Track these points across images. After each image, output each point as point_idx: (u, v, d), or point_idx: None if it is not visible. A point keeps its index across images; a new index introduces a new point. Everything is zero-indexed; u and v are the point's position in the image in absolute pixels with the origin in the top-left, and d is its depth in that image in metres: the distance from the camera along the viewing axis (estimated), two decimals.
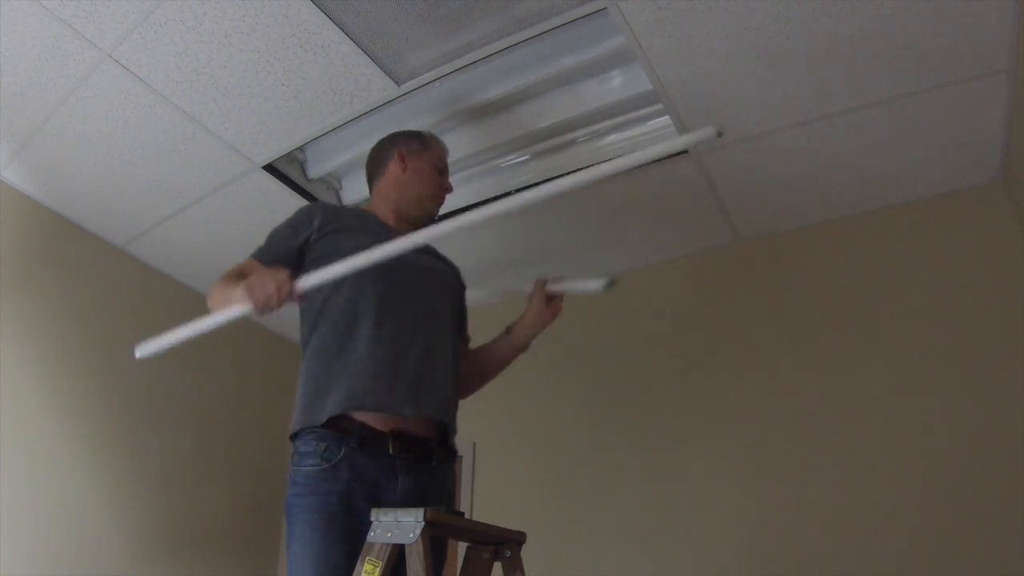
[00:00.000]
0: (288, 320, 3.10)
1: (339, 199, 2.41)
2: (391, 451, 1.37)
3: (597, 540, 2.29)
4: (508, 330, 1.69)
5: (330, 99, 1.91)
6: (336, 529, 1.31)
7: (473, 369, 1.69)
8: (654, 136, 2.04)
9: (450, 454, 1.52)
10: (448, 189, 1.75)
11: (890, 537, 1.88)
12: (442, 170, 1.73)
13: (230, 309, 1.34)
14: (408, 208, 1.66)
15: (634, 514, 2.27)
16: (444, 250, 1.78)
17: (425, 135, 1.76)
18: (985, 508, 1.79)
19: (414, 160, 1.69)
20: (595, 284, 1.53)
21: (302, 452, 1.39)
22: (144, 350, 1.45)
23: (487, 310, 1.89)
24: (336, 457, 1.35)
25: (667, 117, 1.95)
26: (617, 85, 1.92)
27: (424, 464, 1.42)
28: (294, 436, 1.43)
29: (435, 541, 1.32)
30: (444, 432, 1.50)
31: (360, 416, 1.38)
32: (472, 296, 1.77)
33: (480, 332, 1.73)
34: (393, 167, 1.69)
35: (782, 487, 2.08)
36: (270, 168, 2.19)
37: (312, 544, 1.30)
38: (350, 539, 1.29)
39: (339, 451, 1.35)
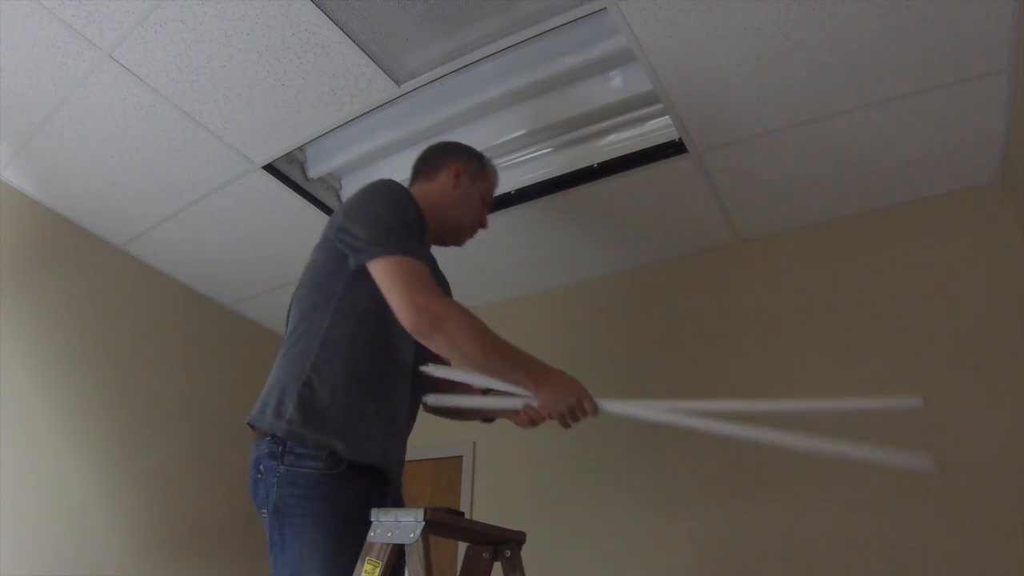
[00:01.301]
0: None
1: (339, 199, 2.41)
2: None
3: (597, 540, 2.29)
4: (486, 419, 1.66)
5: (330, 99, 1.91)
6: (349, 535, 1.29)
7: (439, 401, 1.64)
8: (654, 136, 2.05)
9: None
10: (485, 225, 1.69)
11: (891, 537, 1.88)
12: (486, 203, 1.69)
13: (519, 395, 1.34)
14: (443, 226, 1.60)
15: (634, 514, 2.27)
16: (449, 254, 1.73)
17: (487, 161, 1.70)
18: (985, 509, 1.79)
19: (467, 182, 1.63)
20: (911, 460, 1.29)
21: (299, 454, 1.33)
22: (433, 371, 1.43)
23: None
24: (340, 467, 1.33)
25: (667, 117, 1.95)
26: (617, 85, 1.92)
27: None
28: (286, 437, 1.34)
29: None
30: None
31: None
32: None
33: None
34: (445, 178, 1.62)
35: (781, 487, 2.07)
36: (270, 168, 2.19)
37: (323, 546, 1.28)
38: (360, 545, 1.27)
39: (342, 462, 1.33)
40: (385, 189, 1.48)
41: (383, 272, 1.34)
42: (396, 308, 1.32)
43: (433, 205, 1.56)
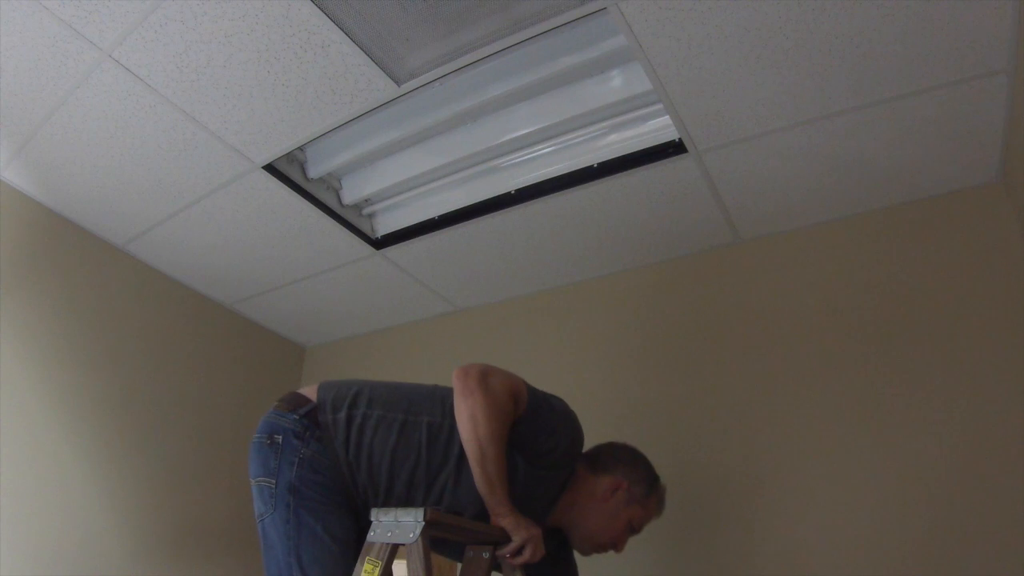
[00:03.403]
0: (287, 319, 3.11)
1: (339, 199, 2.41)
2: None
3: None
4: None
5: (330, 99, 1.91)
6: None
7: None
8: (654, 136, 2.05)
9: None
10: (619, 548, 1.57)
11: (890, 538, 1.88)
12: (635, 529, 1.58)
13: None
14: (575, 524, 1.55)
15: None
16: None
17: (655, 490, 1.60)
18: (985, 510, 1.79)
19: (623, 500, 1.54)
20: None
21: (325, 445, 1.40)
22: None
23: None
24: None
25: (667, 117, 1.95)
26: (617, 85, 1.92)
27: None
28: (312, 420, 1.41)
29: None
30: None
31: None
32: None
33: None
34: (606, 483, 1.54)
35: (780, 488, 2.07)
36: (270, 168, 2.19)
37: (341, 535, 1.35)
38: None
39: None
40: (567, 423, 1.53)
41: (475, 378, 1.38)
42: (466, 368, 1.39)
43: (577, 498, 1.53)
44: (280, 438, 1.38)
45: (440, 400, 1.48)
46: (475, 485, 1.37)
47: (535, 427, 1.44)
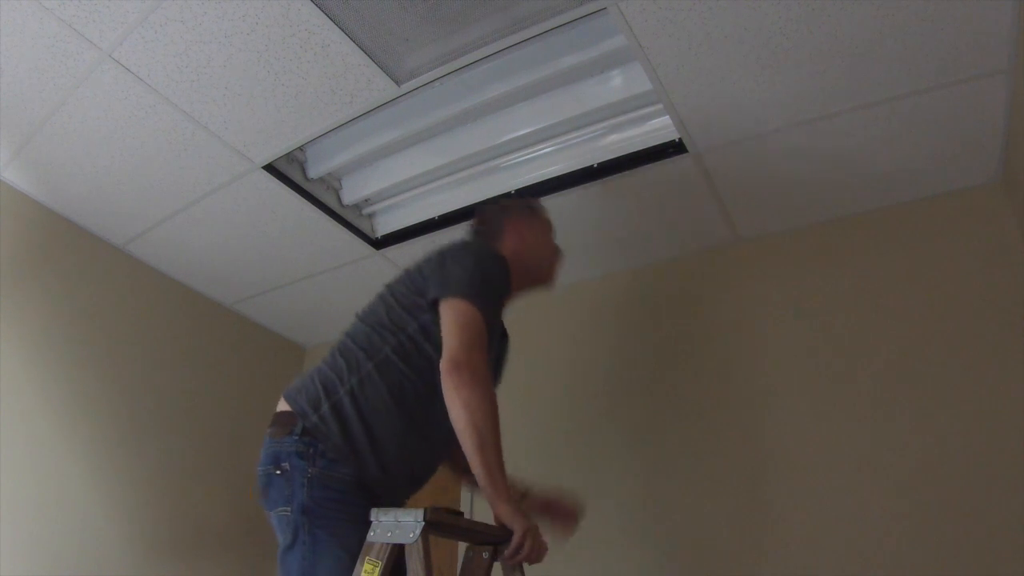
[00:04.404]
0: (287, 319, 3.11)
1: (339, 199, 2.41)
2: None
3: (596, 540, 2.29)
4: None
5: (330, 99, 1.91)
6: None
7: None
8: (654, 136, 2.05)
9: None
10: (560, 251, 1.81)
11: (890, 538, 1.88)
12: (553, 230, 1.82)
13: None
14: (530, 272, 1.70)
15: (633, 514, 2.27)
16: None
17: (531, 203, 1.84)
18: (985, 510, 1.79)
19: (528, 230, 1.74)
20: None
21: (331, 459, 1.38)
22: None
23: None
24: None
25: (667, 117, 1.95)
26: (617, 85, 1.92)
27: None
28: (313, 432, 1.40)
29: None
30: None
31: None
32: None
33: None
34: (511, 239, 1.71)
35: (780, 489, 2.07)
36: (270, 168, 2.19)
37: (358, 550, 1.31)
38: None
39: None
40: (490, 253, 1.58)
41: (454, 311, 1.41)
42: (447, 340, 1.38)
43: (513, 262, 1.62)
44: (287, 464, 1.38)
45: (384, 321, 1.51)
46: None
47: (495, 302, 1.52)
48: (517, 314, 1.99)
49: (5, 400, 2.19)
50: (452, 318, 1.40)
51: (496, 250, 1.62)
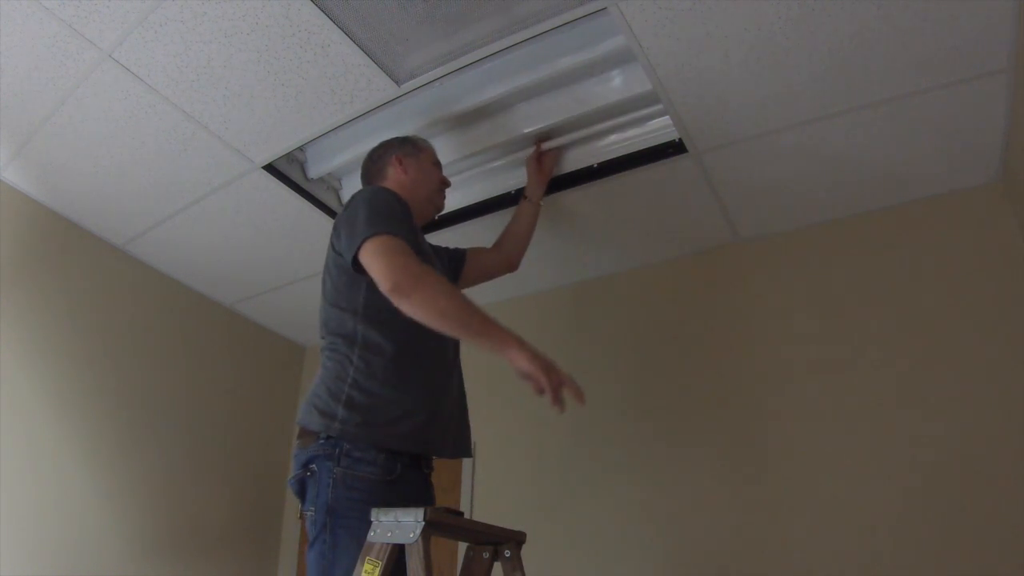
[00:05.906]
0: (287, 319, 3.11)
1: (339, 199, 2.41)
2: (424, 468, 1.53)
3: (597, 540, 2.29)
4: (523, 195, 2.10)
5: (330, 99, 1.91)
6: None
7: (513, 247, 2.11)
8: (654, 136, 2.05)
9: None
10: (447, 182, 1.90)
11: (890, 538, 1.88)
12: (438, 163, 1.90)
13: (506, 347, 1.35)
14: (418, 205, 1.75)
15: (633, 514, 2.27)
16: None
17: (413, 138, 1.88)
18: (984, 511, 1.79)
19: (412, 163, 1.80)
20: None
21: (356, 457, 1.40)
22: None
23: None
24: (394, 473, 1.42)
25: (667, 117, 1.95)
26: (617, 85, 1.92)
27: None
28: (340, 437, 1.41)
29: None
30: None
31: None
32: None
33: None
34: (394, 172, 1.78)
35: (780, 489, 2.07)
36: (270, 168, 2.19)
37: None
38: None
39: (395, 467, 1.43)
40: (374, 190, 1.63)
41: (369, 253, 1.42)
42: (378, 276, 1.39)
43: (399, 193, 1.66)
44: (315, 466, 1.41)
45: (340, 301, 1.55)
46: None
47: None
48: (517, 316, 2.00)
49: (4, 400, 2.19)
50: (371, 256, 1.42)
51: (381, 186, 1.69)
